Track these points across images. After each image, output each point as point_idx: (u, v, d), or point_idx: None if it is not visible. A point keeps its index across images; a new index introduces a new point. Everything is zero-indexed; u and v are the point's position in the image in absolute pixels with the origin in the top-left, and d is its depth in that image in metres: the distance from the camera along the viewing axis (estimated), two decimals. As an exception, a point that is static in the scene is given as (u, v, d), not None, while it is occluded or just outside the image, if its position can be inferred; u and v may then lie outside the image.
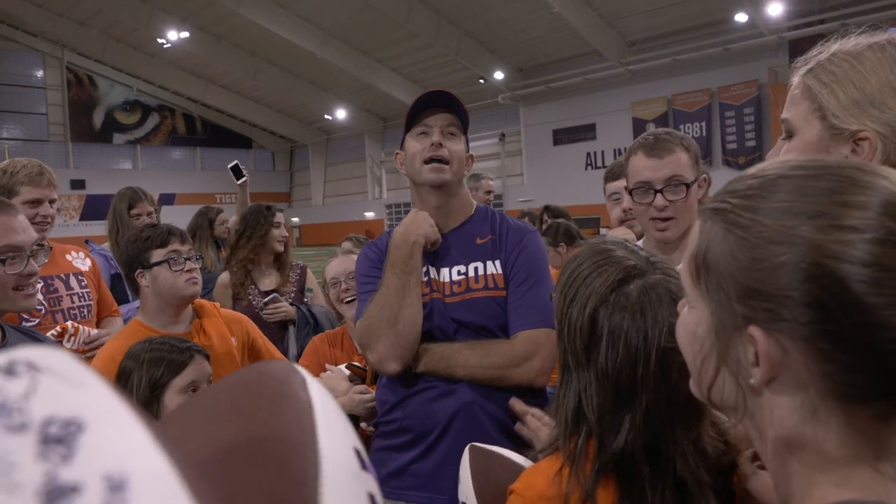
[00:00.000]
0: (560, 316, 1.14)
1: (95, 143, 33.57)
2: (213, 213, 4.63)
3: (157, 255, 2.12)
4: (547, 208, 6.84)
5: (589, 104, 24.21)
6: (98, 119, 33.76)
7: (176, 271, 2.11)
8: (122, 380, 1.76)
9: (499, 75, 25.33)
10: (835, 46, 1.09)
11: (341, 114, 31.40)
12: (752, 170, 0.67)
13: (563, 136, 25.51)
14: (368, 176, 34.24)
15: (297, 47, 25.02)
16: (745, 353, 0.63)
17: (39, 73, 31.95)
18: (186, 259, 2.15)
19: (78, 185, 30.96)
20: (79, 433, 0.32)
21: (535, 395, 1.80)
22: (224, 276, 3.38)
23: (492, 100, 26.24)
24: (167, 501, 0.32)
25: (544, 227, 5.37)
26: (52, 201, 2.60)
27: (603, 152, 24.09)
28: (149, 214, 3.56)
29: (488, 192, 5.62)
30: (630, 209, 2.19)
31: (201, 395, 0.53)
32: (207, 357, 1.86)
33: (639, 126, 22.14)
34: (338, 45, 25.44)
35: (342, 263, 2.46)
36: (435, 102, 1.85)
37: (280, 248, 3.39)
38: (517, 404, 1.60)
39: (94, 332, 2.35)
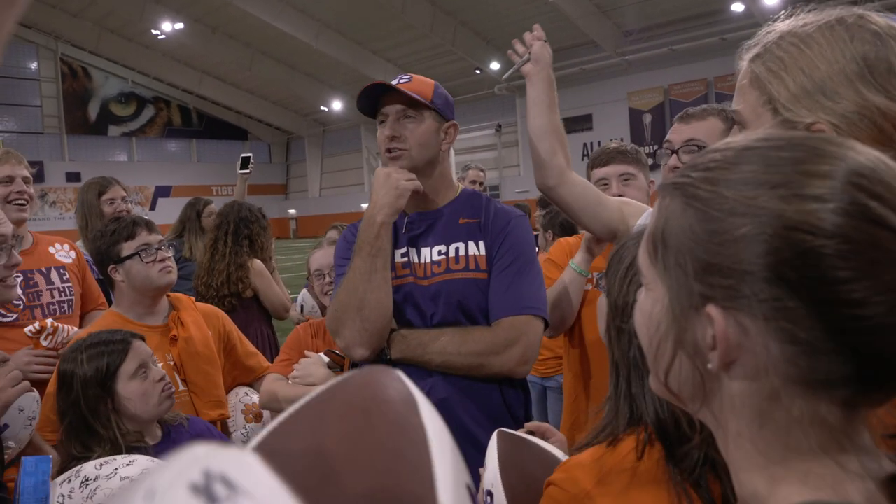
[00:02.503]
0: (618, 307, 1.04)
1: (91, 136, 33.47)
2: (201, 204, 4.62)
3: (128, 248, 2.09)
4: (541, 199, 6.86)
5: (585, 95, 24.14)
6: (93, 111, 33.63)
7: (148, 263, 2.09)
8: (65, 386, 1.72)
9: (494, 66, 25.23)
10: (782, 26, 0.99)
11: (337, 105, 31.29)
12: (717, 144, 0.63)
13: None
14: (365, 167, 34.16)
15: (293, 38, 24.91)
16: (703, 335, 0.59)
17: (34, 65, 31.78)
18: (157, 249, 2.12)
19: (73, 177, 30.83)
20: None
21: (514, 387, 1.76)
22: (259, 264, 3.48)
23: (488, 90, 26.17)
24: None
25: (543, 213, 5.40)
26: (25, 180, 2.59)
27: (600, 142, 23.94)
28: (123, 199, 3.46)
29: (473, 182, 5.63)
30: (619, 195, 2.17)
31: (312, 436, 0.49)
32: (143, 339, 1.83)
33: (635, 116, 22.11)
34: (333, 36, 25.34)
35: (326, 255, 2.39)
36: (387, 88, 1.79)
37: None
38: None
39: (74, 330, 2.32)
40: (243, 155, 4.67)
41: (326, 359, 2.10)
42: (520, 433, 1.32)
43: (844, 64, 0.91)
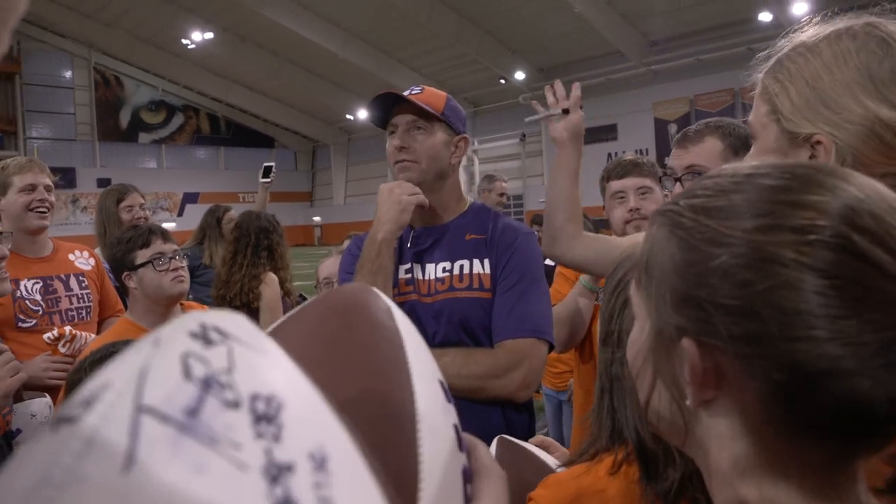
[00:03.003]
0: (609, 325, 1.03)
1: (122, 143, 34.08)
2: (221, 211, 4.67)
3: (142, 256, 2.13)
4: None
5: (610, 104, 24.01)
6: (124, 119, 34.26)
7: (161, 271, 2.11)
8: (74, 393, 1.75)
9: (520, 75, 25.23)
10: (798, 37, 0.96)
11: (363, 114, 31.39)
12: (714, 171, 0.61)
13: (585, 137, 23.82)
14: (389, 175, 33.73)
15: (320, 47, 25.15)
16: (682, 369, 0.56)
17: (68, 74, 32.50)
18: (171, 258, 2.15)
19: (104, 183, 31.04)
20: (281, 411, 0.34)
21: (517, 410, 1.70)
22: (274, 276, 3.50)
23: (512, 100, 26.14)
24: (358, 476, 0.36)
25: None
26: (47, 188, 2.63)
27: (624, 153, 23.63)
28: (141, 206, 3.49)
29: (501, 195, 5.54)
30: (636, 208, 2.14)
31: (296, 332, 0.54)
32: None
33: (660, 126, 21.93)
34: (359, 46, 25.53)
35: (336, 263, 2.39)
36: (399, 99, 1.76)
37: None
38: None
39: (91, 337, 2.36)
40: (266, 164, 4.70)
41: None
42: (520, 442, 1.30)
43: (847, 74, 0.88)
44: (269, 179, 4.53)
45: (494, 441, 1.25)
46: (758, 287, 0.50)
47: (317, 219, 38.42)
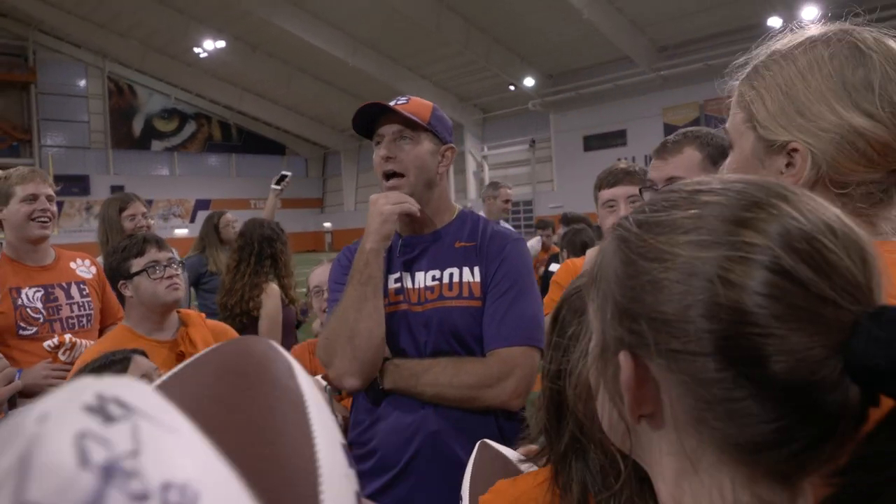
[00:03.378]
0: (551, 336, 1.05)
1: (134, 150, 34.37)
2: (217, 217, 4.70)
3: (137, 264, 2.15)
4: (564, 217, 6.85)
5: (620, 110, 23.98)
6: (137, 127, 34.57)
7: (155, 279, 2.14)
8: None
9: (529, 82, 25.24)
10: (774, 45, 0.95)
11: (373, 121, 31.61)
12: (672, 185, 0.61)
13: (594, 143, 25.30)
14: (399, 182, 34.33)
15: (330, 56, 25.29)
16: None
17: (82, 83, 32.87)
18: (166, 266, 2.18)
19: (118, 190, 31.44)
20: (197, 501, 0.29)
21: (509, 418, 1.68)
22: (275, 287, 3.48)
23: (522, 106, 26.18)
24: None
25: (564, 231, 5.35)
26: (49, 198, 2.66)
27: (634, 158, 23.76)
28: (143, 215, 3.52)
29: (506, 201, 5.54)
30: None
31: (191, 392, 0.50)
32: (144, 353, 1.86)
33: (670, 132, 21.69)
34: (369, 54, 25.65)
35: (326, 271, 2.37)
36: (385, 109, 1.75)
37: None
38: None
39: (91, 345, 2.40)
40: (283, 172, 4.72)
41: (324, 382, 2.11)
42: (501, 448, 1.31)
43: (821, 81, 0.87)
44: (279, 187, 4.55)
45: (477, 445, 1.27)
46: (686, 302, 0.51)
47: (327, 225, 38.55)
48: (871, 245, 0.52)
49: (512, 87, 25.79)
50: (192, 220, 33.37)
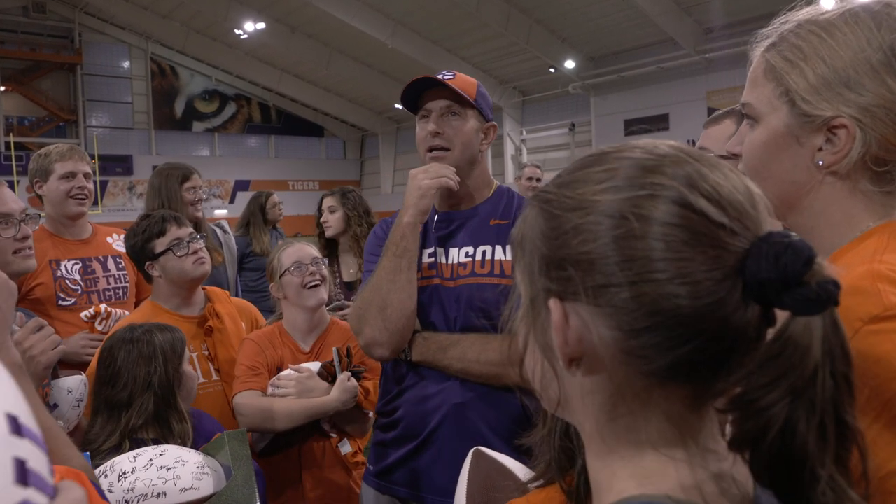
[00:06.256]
0: None
1: (176, 131, 34.95)
2: (264, 197, 4.70)
3: (160, 244, 2.17)
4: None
5: (662, 94, 23.50)
6: (179, 108, 35.12)
7: (181, 256, 2.15)
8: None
9: (569, 64, 24.89)
10: (800, 15, 0.91)
11: (411, 103, 31.60)
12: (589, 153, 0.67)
13: (635, 127, 24.87)
14: (436, 165, 34.33)
15: (369, 37, 25.28)
16: (552, 332, 0.60)
17: (126, 64, 33.46)
18: (189, 242, 2.18)
19: (160, 171, 32.28)
20: None
21: (532, 395, 1.70)
22: None
23: (562, 89, 25.84)
24: None
25: None
26: (86, 175, 2.72)
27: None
28: (200, 188, 3.47)
29: (529, 179, 5.67)
30: None
31: None
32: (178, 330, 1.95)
33: (714, 116, 21.33)
34: (408, 35, 25.57)
35: (302, 249, 2.28)
36: (433, 83, 1.76)
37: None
38: None
39: (127, 314, 2.44)
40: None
41: (316, 370, 2.08)
42: (496, 455, 1.26)
43: (870, 53, 0.83)
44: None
45: (470, 454, 1.26)
46: (604, 239, 0.56)
47: (364, 207, 38.83)
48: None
49: (552, 70, 25.46)
50: (232, 201, 33.86)
